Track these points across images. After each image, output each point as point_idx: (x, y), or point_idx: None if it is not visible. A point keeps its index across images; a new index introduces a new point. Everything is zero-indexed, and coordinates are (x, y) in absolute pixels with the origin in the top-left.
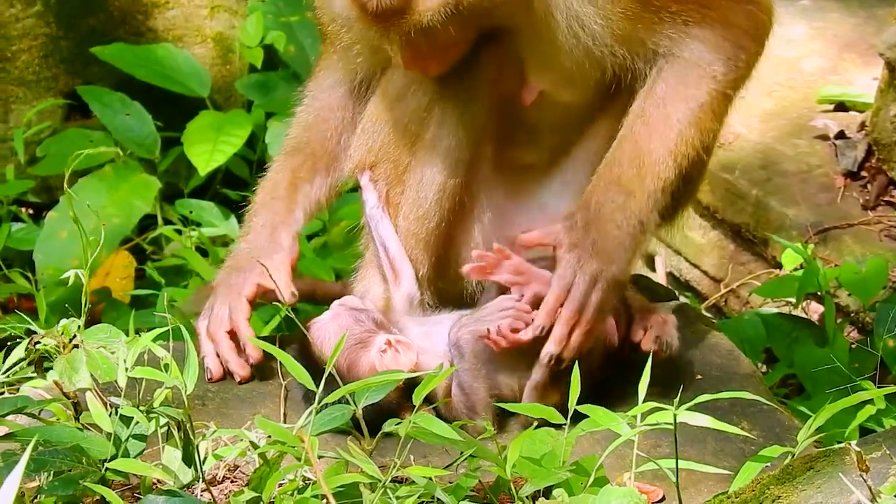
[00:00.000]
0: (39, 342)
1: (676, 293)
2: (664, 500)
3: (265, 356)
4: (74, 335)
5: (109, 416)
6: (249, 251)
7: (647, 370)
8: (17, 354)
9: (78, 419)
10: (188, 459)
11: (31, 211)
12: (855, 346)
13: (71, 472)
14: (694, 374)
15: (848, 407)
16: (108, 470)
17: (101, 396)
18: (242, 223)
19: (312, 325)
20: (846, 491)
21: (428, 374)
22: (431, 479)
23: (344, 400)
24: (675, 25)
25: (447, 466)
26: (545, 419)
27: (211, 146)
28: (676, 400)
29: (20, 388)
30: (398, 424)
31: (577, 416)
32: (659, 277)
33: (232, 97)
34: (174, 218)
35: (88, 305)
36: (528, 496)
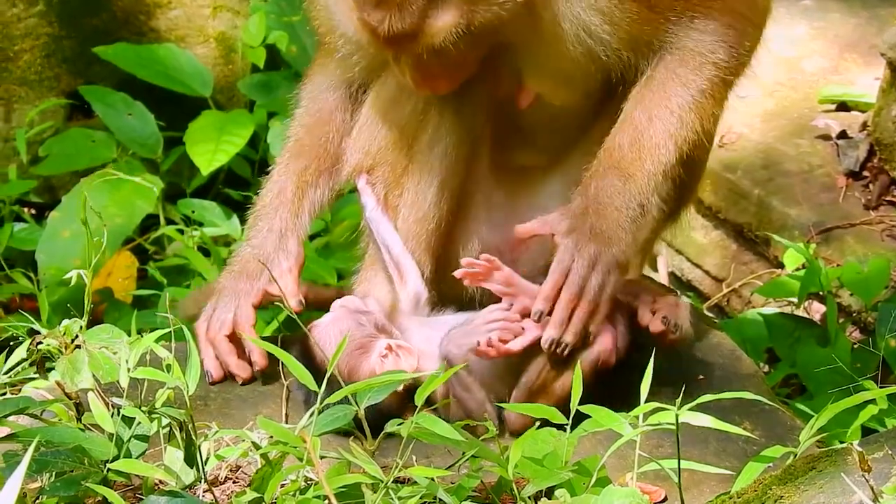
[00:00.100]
0: (41, 342)
1: (678, 293)
2: (666, 500)
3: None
4: (76, 335)
5: (111, 416)
6: (256, 256)
7: (649, 370)
8: (19, 355)
9: (80, 420)
10: (190, 460)
11: (33, 211)
12: (857, 345)
13: (73, 472)
14: (696, 374)
15: (850, 407)
16: (110, 471)
17: (103, 397)
18: (245, 225)
19: (313, 327)
20: (848, 491)
21: (430, 374)
22: (433, 479)
23: (346, 401)
24: (680, 22)
25: (449, 467)
26: (547, 419)
27: (213, 146)
28: (678, 400)
29: (22, 388)
30: (400, 425)
31: (578, 416)
32: (661, 277)
33: (234, 97)
34: (176, 218)
35: (90, 306)
36: (530, 496)
